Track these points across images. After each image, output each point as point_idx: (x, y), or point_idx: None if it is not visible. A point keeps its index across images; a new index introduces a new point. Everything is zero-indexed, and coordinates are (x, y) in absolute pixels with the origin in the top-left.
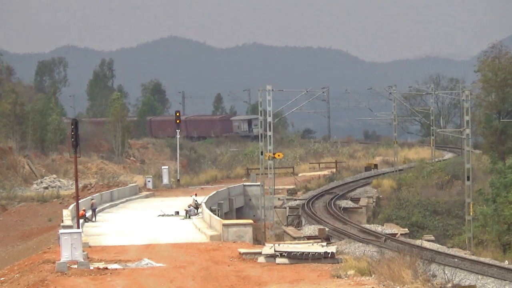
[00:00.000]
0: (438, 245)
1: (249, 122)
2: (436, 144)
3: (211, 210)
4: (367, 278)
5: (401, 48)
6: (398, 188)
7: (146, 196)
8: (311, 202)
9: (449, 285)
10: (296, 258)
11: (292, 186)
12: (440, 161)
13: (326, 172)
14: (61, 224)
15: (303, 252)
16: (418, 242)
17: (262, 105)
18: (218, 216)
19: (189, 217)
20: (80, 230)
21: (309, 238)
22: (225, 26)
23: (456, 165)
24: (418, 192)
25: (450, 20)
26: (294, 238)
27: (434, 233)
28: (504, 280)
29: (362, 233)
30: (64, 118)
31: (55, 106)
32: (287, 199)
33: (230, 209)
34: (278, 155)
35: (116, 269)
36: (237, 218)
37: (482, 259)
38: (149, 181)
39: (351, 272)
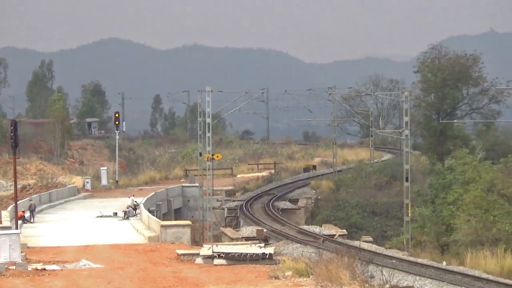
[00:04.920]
0: (376, 246)
1: (89, 124)
2: (375, 145)
3: (150, 211)
4: (305, 279)
5: (340, 49)
6: (337, 189)
7: (85, 197)
8: (249, 203)
9: (387, 286)
10: (234, 259)
11: (230, 187)
12: (379, 162)
13: (264, 173)
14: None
15: (241, 253)
16: (356, 243)
17: (201, 106)
18: (156, 217)
19: (128, 218)
20: (18, 231)
21: (247, 239)
22: (165, 27)
23: (394, 166)
24: (356, 193)
25: (390, 21)
26: (232, 239)
27: (372, 234)
28: (442, 281)
29: (300, 234)
30: (3, 119)
31: None
32: (225, 200)
33: (169, 210)
34: (217, 156)
35: (54, 270)
36: (176, 219)
37: (420, 260)
38: (87, 182)
39: (289, 273)
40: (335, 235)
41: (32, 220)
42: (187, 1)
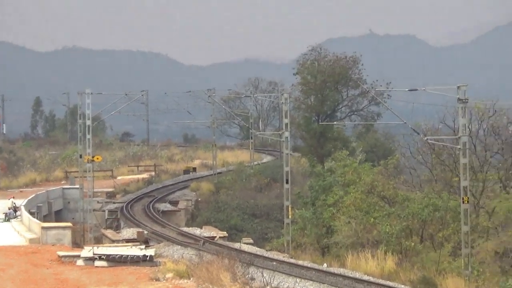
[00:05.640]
0: (257, 248)
1: None
2: (255, 147)
3: (30, 213)
4: (185, 281)
5: (220, 51)
6: (217, 191)
7: None
8: (130, 205)
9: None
10: (115, 261)
11: (111, 189)
12: (259, 164)
13: (145, 175)
14: None
15: (121, 255)
16: (236, 245)
17: (81, 109)
18: (37, 219)
19: (8, 220)
20: None
21: (127, 241)
22: (44, 29)
23: (275, 168)
24: (237, 195)
25: (270, 23)
26: (113, 241)
27: (253, 236)
28: (323, 283)
29: (181, 236)
30: None
31: None
32: (106, 202)
33: (49, 212)
34: (97, 158)
35: None
36: (56, 221)
37: (300, 262)
38: None
39: (169, 275)
40: (215, 237)
41: None
42: (68, 2)
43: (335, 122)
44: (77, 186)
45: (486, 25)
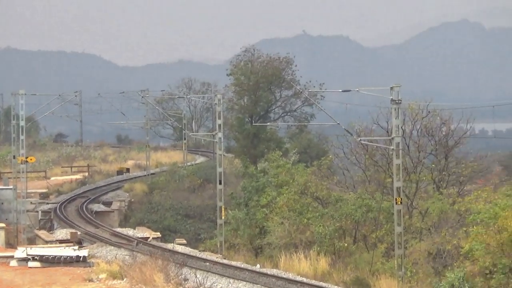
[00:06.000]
0: (190, 249)
1: None
2: (188, 148)
3: None
4: (119, 281)
5: (155, 52)
6: (150, 192)
7: None
8: (63, 206)
9: None
10: (49, 261)
11: (44, 190)
12: (192, 165)
13: (78, 176)
14: None
15: (55, 256)
16: (170, 245)
17: (14, 109)
18: None
19: None
20: None
21: (61, 241)
22: None
23: (208, 168)
24: (170, 196)
25: (203, 24)
26: (47, 242)
27: (186, 237)
28: (256, 283)
29: (114, 237)
30: None
31: None
32: (39, 202)
33: None
34: (31, 159)
35: None
36: None
37: (234, 263)
38: None
39: (103, 275)
40: (148, 237)
41: None
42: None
43: (268, 123)
44: (11, 187)
45: (419, 26)
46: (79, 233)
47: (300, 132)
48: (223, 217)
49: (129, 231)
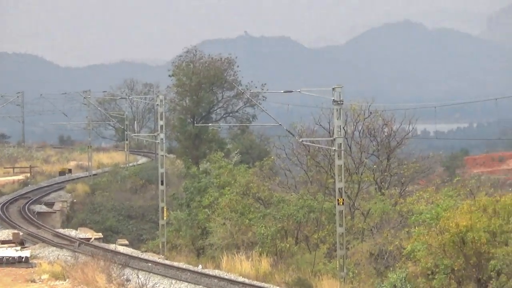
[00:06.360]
0: (132, 250)
1: None
2: (130, 148)
3: None
4: (61, 282)
5: (97, 53)
6: (93, 193)
7: None
8: (5, 207)
9: None
10: None
11: None
12: (134, 165)
13: (20, 177)
14: None
15: None
16: (112, 246)
17: None
18: None
19: None
20: None
21: (3, 242)
22: None
23: (150, 169)
24: (112, 196)
25: (145, 24)
26: None
27: (128, 238)
28: (198, 284)
29: (56, 238)
30: None
31: None
32: None
33: None
34: None
35: None
36: None
37: (176, 264)
38: None
39: (45, 276)
40: (91, 238)
41: None
42: None
43: (210, 124)
44: None
45: (361, 27)
46: (21, 233)
47: (242, 133)
48: (165, 218)
49: (71, 232)
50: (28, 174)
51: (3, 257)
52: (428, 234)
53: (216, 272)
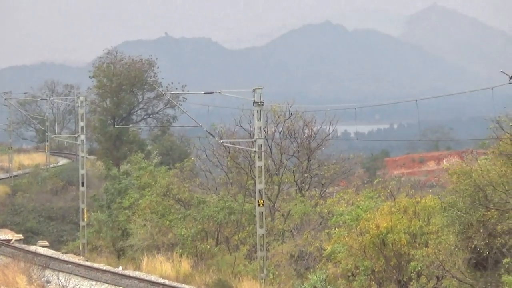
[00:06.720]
0: (52, 251)
1: None
2: (51, 150)
3: None
4: None
5: (17, 54)
6: (13, 194)
7: None
8: None
9: None
10: None
11: None
12: (55, 167)
13: None
14: None
15: None
16: (32, 248)
17: None
18: None
19: None
20: None
21: None
22: None
23: (71, 170)
24: (33, 198)
25: (65, 25)
26: None
27: (49, 239)
28: (119, 286)
29: None
30: None
31: None
32: None
33: None
34: None
35: None
36: None
37: (96, 265)
38: None
39: None
40: (11, 240)
41: None
42: None
43: (130, 125)
44: None
45: (281, 28)
46: None
47: (162, 134)
48: (85, 219)
49: None
50: None
51: None
52: (348, 236)
53: (136, 274)
